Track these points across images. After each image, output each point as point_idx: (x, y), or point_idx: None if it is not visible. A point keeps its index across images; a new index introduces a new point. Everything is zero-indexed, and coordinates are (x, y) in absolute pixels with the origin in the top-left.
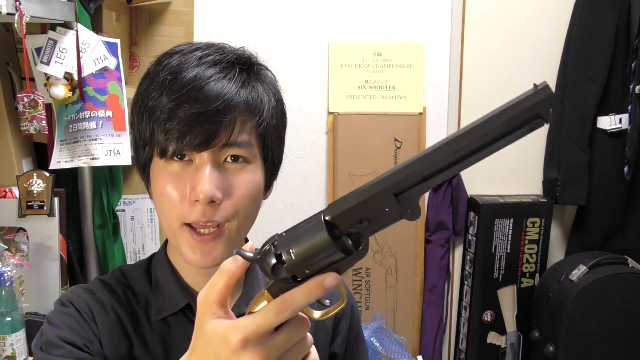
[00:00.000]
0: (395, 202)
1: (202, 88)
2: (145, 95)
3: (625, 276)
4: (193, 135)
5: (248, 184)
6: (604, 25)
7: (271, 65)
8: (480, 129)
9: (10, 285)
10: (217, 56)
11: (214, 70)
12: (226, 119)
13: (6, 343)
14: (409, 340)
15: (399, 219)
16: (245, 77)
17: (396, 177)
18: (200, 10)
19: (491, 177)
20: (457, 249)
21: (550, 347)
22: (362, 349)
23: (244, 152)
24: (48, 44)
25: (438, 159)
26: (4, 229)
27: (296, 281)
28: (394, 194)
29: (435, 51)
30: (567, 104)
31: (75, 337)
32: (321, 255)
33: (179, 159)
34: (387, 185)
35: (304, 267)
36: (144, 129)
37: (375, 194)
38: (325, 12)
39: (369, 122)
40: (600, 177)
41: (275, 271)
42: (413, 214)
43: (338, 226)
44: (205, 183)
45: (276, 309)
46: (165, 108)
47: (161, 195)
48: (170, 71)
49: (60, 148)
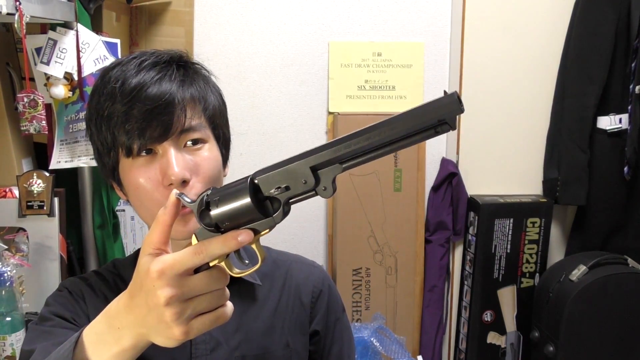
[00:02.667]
0: (311, 175)
1: (149, 88)
2: (99, 107)
3: (625, 276)
4: (152, 129)
5: (210, 161)
6: (604, 25)
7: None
8: (391, 124)
9: (10, 285)
10: (154, 59)
11: (155, 72)
12: (177, 109)
13: (6, 343)
14: (409, 340)
15: (314, 193)
16: (184, 72)
17: (314, 152)
18: (200, 10)
19: (491, 177)
20: (457, 249)
21: (550, 347)
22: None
23: (200, 134)
24: (48, 44)
25: (350, 144)
26: (4, 229)
27: (219, 231)
28: (312, 168)
29: (435, 51)
30: (567, 104)
31: (65, 312)
32: (241, 211)
33: (144, 154)
34: (306, 159)
35: (225, 219)
36: (105, 136)
37: (296, 165)
38: (325, 12)
39: (369, 122)
40: (600, 177)
41: (202, 217)
42: (326, 192)
43: (262, 190)
44: (174, 167)
45: (194, 249)
46: (121, 112)
47: (136, 188)
48: (116, 81)
49: (60, 148)
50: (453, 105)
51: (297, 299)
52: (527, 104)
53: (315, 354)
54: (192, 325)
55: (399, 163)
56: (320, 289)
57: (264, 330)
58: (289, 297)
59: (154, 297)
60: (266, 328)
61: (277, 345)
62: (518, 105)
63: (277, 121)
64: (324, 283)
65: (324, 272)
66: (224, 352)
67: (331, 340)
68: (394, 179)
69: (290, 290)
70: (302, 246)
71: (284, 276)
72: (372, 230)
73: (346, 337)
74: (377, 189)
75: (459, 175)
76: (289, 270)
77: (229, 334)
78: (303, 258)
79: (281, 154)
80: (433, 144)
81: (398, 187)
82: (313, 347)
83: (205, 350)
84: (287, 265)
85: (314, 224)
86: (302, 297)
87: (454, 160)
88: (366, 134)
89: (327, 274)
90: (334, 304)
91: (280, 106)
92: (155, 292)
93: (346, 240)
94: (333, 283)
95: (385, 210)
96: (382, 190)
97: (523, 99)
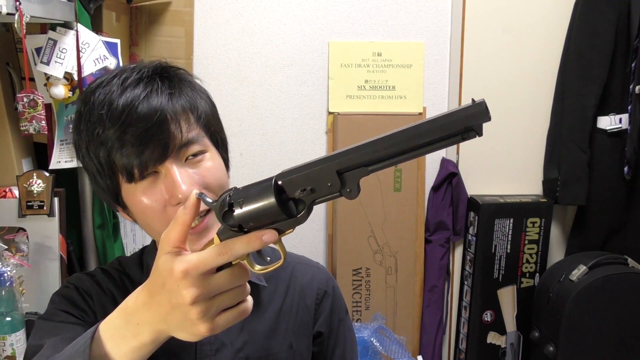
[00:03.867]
0: (337, 179)
1: (137, 108)
2: (89, 134)
3: (625, 276)
4: (150, 151)
5: (215, 170)
6: (604, 25)
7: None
8: (419, 130)
9: (10, 285)
10: (136, 75)
11: (140, 89)
12: (171, 125)
13: (6, 343)
14: (409, 340)
15: (339, 195)
16: (169, 84)
17: (341, 157)
18: (200, 10)
19: (491, 177)
20: (457, 249)
21: (550, 347)
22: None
23: (199, 146)
24: (48, 44)
25: (378, 148)
26: (4, 229)
27: (242, 231)
28: (337, 171)
29: (435, 51)
30: (567, 104)
31: (73, 309)
32: (265, 212)
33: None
34: (332, 163)
35: (249, 220)
36: (103, 161)
37: (321, 168)
38: (325, 12)
39: (369, 122)
40: (600, 177)
41: (225, 218)
42: (352, 193)
43: (285, 191)
44: (181, 185)
45: (218, 250)
46: (114, 138)
47: (144, 212)
48: (101, 105)
49: (60, 148)
50: (482, 115)
51: (302, 300)
52: (527, 104)
53: (319, 355)
54: (217, 322)
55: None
56: (324, 291)
57: (268, 332)
58: (293, 298)
59: (179, 296)
60: (270, 329)
61: (281, 347)
62: (518, 105)
63: (277, 121)
64: (328, 285)
65: (328, 274)
66: (229, 354)
67: (334, 342)
68: (394, 179)
69: (294, 291)
70: (302, 246)
71: (288, 277)
72: (372, 230)
73: (349, 339)
74: (377, 189)
75: (459, 175)
76: (294, 272)
77: (234, 336)
78: (307, 259)
79: (281, 153)
80: None
81: (398, 187)
82: (316, 348)
83: (210, 352)
84: (292, 266)
85: (314, 224)
86: (306, 299)
87: (454, 160)
88: (395, 139)
89: (331, 275)
90: (338, 305)
91: (280, 106)
92: (180, 292)
93: (346, 240)
94: (337, 285)
95: (385, 210)
96: (382, 190)
97: (523, 99)
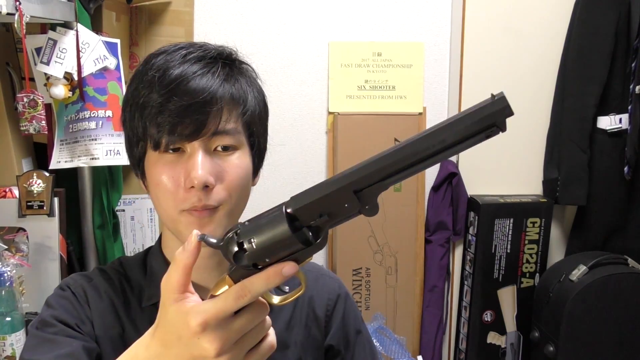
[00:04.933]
0: (355, 198)
1: (189, 82)
2: (136, 93)
3: (625, 276)
4: (184, 126)
5: (238, 169)
6: (604, 25)
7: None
8: (440, 135)
9: (10, 285)
10: (201, 53)
11: (199, 66)
12: (214, 109)
13: (6, 343)
14: (409, 340)
15: (357, 214)
16: (228, 71)
17: (357, 175)
18: (200, 10)
19: (491, 177)
20: (457, 249)
21: (550, 347)
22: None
23: (232, 139)
24: (48, 44)
25: (398, 160)
26: (4, 229)
27: (257, 268)
28: (354, 190)
29: (435, 51)
30: (567, 104)
31: (69, 318)
32: (281, 245)
33: (172, 152)
34: (347, 183)
35: (264, 256)
36: (137, 125)
37: (336, 190)
38: (325, 12)
39: (369, 122)
40: (600, 177)
41: (237, 259)
42: (371, 210)
43: (299, 219)
44: (199, 169)
45: (236, 294)
46: (156, 103)
47: (157, 185)
48: (157, 69)
49: (60, 148)
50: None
51: (311, 310)
52: (527, 104)
53: None
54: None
55: None
56: (335, 301)
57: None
58: (302, 309)
59: (202, 349)
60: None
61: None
62: (518, 106)
63: (277, 121)
64: (340, 295)
65: (340, 282)
66: None
67: (352, 356)
68: None
69: (303, 302)
70: None
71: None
72: (372, 230)
73: (369, 352)
74: None
75: (459, 175)
76: None
77: None
78: (319, 267)
79: (281, 153)
80: None
81: (398, 187)
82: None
83: None
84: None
85: None
86: (316, 309)
87: (454, 160)
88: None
89: (343, 284)
90: (353, 316)
91: (280, 106)
92: (202, 345)
93: (346, 240)
94: (350, 295)
95: (385, 210)
96: None
97: (523, 99)
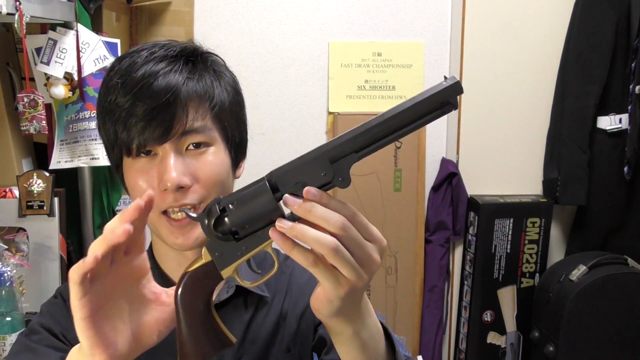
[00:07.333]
0: (330, 167)
1: (152, 84)
2: (104, 99)
3: (625, 276)
4: (152, 129)
5: (213, 166)
6: (604, 25)
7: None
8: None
9: (10, 285)
10: (163, 52)
11: (162, 65)
12: (178, 109)
13: (6, 343)
14: (409, 340)
15: (331, 185)
16: (192, 67)
17: (332, 145)
18: (200, 10)
19: (491, 177)
20: (457, 249)
21: (550, 347)
22: None
23: (203, 136)
24: (48, 44)
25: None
26: (4, 229)
27: (234, 238)
28: (330, 160)
29: (435, 51)
30: (567, 104)
31: (55, 325)
32: (263, 211)
33: (145, 155)
34: (324, 151)
35: (245, 222)
36: (109, 131)
37: (314, 159)
38: (325, 12)
39: None
40: (600, 177)
41: (218, 223)
42: (344, 182)
43: (279, 188)
44: (171, 172)
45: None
46: (123, 108)
47: (133, 189)
48: (121, 74)
49: (60, 148)
50: (455, 88)
51: (301, 299)
52: (527, 104)
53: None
54: None
55: (399, 163)
56: None
57: (267, 337)
58: (290, 300)
59: None
60: (269, 335)
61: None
62: (518, 105)
63: (277, 121)
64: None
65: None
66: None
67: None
68: (394, 179)
69: (292, 294)
70: None
71: (287, 280)
72: None
73: None
74: (377, 188)
75: (459, 175)
76: (292, 273)
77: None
78: None
79: (281, 154)
80: (433, 144)
81: (398, 187)
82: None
83: None
84: (290, 269)
85: None
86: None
87: (454, 160)
88: (381, 122)
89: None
90: None
91: (280, 106)
92: None
93: None
94: None
95: (385, 210)
96: (382, 190)
97: (523, 99)
